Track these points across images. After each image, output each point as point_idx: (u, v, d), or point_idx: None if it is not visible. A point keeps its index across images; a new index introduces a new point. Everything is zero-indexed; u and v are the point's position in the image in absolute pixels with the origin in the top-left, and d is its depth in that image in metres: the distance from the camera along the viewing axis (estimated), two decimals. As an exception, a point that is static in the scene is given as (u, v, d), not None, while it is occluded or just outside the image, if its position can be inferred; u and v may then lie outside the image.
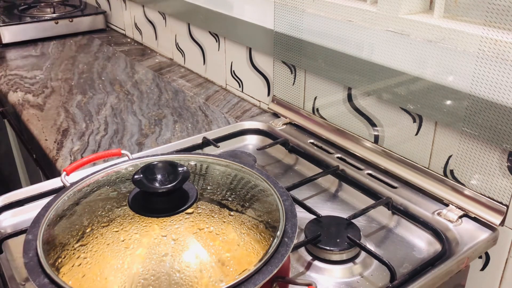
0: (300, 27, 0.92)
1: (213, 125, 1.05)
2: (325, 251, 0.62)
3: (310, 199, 0.77)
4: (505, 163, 0.67)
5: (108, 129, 1.04)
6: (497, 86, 0.64)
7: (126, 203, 0.52)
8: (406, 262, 0.64)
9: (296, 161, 0.88)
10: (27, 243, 0.48)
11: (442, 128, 0.74)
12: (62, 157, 0.92)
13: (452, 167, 0.74)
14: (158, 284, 0.44)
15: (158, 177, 0.51)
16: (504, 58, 0.62)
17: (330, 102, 0.93)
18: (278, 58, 1.02)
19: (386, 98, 0.80)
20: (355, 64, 0.83)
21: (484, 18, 0.63)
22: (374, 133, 0.86)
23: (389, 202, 0.72)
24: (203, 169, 0.62)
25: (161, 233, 0.48)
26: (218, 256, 0.47)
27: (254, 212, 0.53)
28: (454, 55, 0.68)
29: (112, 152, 0.72)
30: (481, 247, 0.65)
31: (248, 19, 1.08)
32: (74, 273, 0.45)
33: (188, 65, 1.43)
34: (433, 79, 0.71)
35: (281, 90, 1.04)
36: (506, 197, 0.67)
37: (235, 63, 1.20)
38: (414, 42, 0.72)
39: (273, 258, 0.46)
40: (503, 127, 0.64)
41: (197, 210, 0.51)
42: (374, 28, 0.78)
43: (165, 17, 1.48)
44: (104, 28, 1.86)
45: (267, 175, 0.58)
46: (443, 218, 0.69)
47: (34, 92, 1.24)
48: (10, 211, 0.72)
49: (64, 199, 0.56)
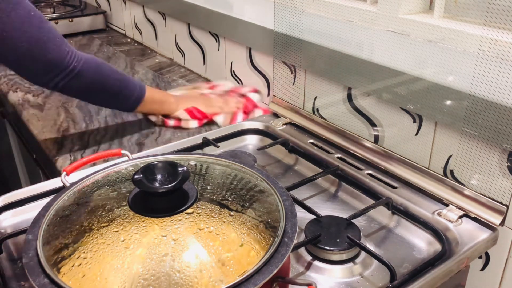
0: (300, 27, 0.92)
1: (213, 125, 1.05)
2: (325, 251, 0.62)
3: (310, 199, 0.77)
4: (505, 163, 0.67)
5: (108, 129, 1.04)
6: (497, 86, 0.64)
7: (126, 203, 0.52)
8: (406, 262, 0.64)
9: (296, 161, 0.88)
10: (27, 243, 0.48)
11: (442, 128, 0.74)
12: (62, 157, 0.92)
13: (452, 167, 0.74)
14: (158, 284, 0.44)
15: (158, 177, 0.51)
16: (504, 58, 0.62)
17: (330, 102, 0.93)
18: (278, 58, 1.02)
19: (386, 98, 0.80)
20: (355, 64, 0.83)
21: (484, 18, 0.63)
22: (374, 133, 0.86)
23: (389, 202, 0.72)
24: (203, 169, 0.62)
25: (161, 233, 0.48)
26: (218, 256, 0.47)
27: (254, 212, 0.53)
28: (454, 55, 0.68)
29: (112, 152, 0.72)
30: (481, 247, 0.65)
31: (248, 19, 1.08)
32: (74, 273, 0.45)
33: (188, 65, 1.43)
34: (433, 79, 0.71)
35: (281, 90, 1.04)
36: (506, 197, 0.67)
37: (235, 63, 1.20)
38: (414, 42, 0.72)
39: (273, 258, 0.46)
40: (503, 127, 0.64)
41: (197, 210, 0.51)
42: (374, 28, 0.78)
43: (165, 17, 1.48)
44: (104, 28, 1.86)
45: (267, 175, 0.58)
46: (443, 218, 0.69)
47: (34, 92, 1.24)
48: (10, 211, 0.72)
49: (64, 199, 0.56)
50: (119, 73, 0.95)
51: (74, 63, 0.86)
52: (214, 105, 1.06)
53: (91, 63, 0.90)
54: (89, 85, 0.90)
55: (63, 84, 0.87)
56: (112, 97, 0.95)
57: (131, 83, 0.96)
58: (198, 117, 1.03)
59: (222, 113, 1.05)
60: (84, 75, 0.88)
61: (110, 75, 0.93)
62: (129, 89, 0.96)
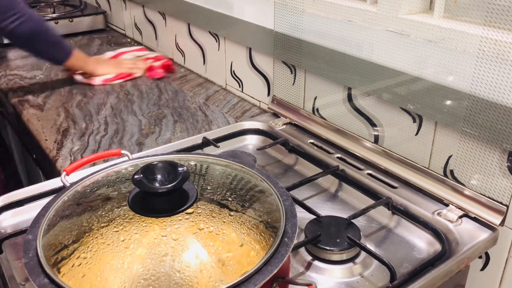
0: (300, 27, 0.92)
1: (213, 125, 1.05)
2: (325, 251, 0.62)
3: (310, 199, 0.77)
4: (505, 163, 0.67)
5: (108, 129, 1.04)
6: (497, 86, 0.64)
7: (126, 203, 0.52)
8: (406, 262, 0.64)
9: (296, 161, 0.88)
10: (27, 243, 0.48)
11: (442, 128, 0.74)
12: (62, 157, 0.92)
13: (452, 167, 0.74)
14: (158, 284, 0.44)
15: (158, 177, 0.51)
16: (504, 58, 0.62)
17: (330, 102, 0.93)
18: (278, 58, 1.02)
19: (386, 98, 0.80)
20: (355, 64, 0.83)
21: (484, 18, 0.63)
22: (374, 133, 0.86)
23: (389, 202, 0.72)
24: (203, 169, 0.62)
25: (161, 233, 0.48)
26: (218, 256, 0.47)
27: (254, 212, 0.53)
28: (454, 55, 0.68)
29: (112, 152, 0.72)
30: (481, 247, 0.65)
31: (248, 19, 1.08)
32: (74, 273, 0.45)
33: (188, 65, 1.43)
34: (433, 79, 0.71)
35: (281, 90, 1.04)
36: (506, 197, 0.67)
37: (235, 63, 1.20)
38: (414, 42, 0.72)
39: (273, 258, 0.46)
40: (503, 127, 0.64)
41: (197, 210, 0.51)
42: (374, 28, 0.78)
43: (165, 17, 1.48)
44: (104, 28, 1.86)
45: (267, 175, 0.58)
46: (443, 218, 0.69)
47: (34, 92, 1.24)
48: (10, 211, 0.72)
49: (64, 199, 0.56)
50: (55, 30, 1.22)
51: (25, 10, 1.12)
52: (123, 66, 1.36)
53: (36, 15, 1.16)
54: (33, 31, 1.14)
55: (12, 28, 1.10)
56: (49, 47, 1.20)
57: (63, 40, 1.23)
58: (122, 77, 1.34)
59: (132, 72, 1.36)
60: (30, 21, 1.12)
61: (49, 29, 1.19)
62: (63, 44, 1.23)
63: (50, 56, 1.24)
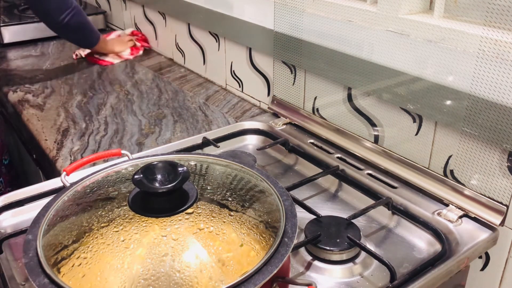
0: (300, 27, 0.92)
1: (213, 125, 1.05)
2: (325, 251, 0.62)
3: (310, 199, 0.77)
4: (505, 163, 0.67)
5: (108, 129, 1.04)
6: (497, 86, 0.64)
7: (126, 203, 0.52)
8: (406, 262, 0.64)
9: (296, 161, 0.88)
10: (27, 243, 0.48)
11: (442, 128, 0.74)
12: (62, 157, 0.92)
13: (452, 167, 0.74)
14: (158, 284, 0.44)
15: (158, 177, 0.51)
16: (504, 58, 0.62)
17: (330, 102, 0.93)
18: (278, 58, 1.02)
19: (386, 98, 0.80)
20: (355, 64, 0.83)
21: (484, 18, 0.63)
22: (374, 133, 0.86)
23: (389, 202, 0.72)
24: (203, 169, 0.62)
25: (161, 233, 0.48)
26: (218, 256, 0.47)
27: (254, 212, 0.53)
28: (454, 55, 0.68)
29: (112, 152, 0.72)
30: (481, 247, 0.65)
31: (248, 19, 1.08)
32: (74, 273, 0.45)
33: (188, 65, 1.43)
34: (433, 79, 0.71)
35: (281, 90, 1.04)
36: (506, 197, 0.67)
37: (235, 63, 1.20)
38: (414, 42, 0.72)
39: (273, 258, 0.46)
40: (503, 127, 0.64)
41: (197, 210, 0.51)
42: (374, 28, 0.78)
43: (165, 17, 1.48)
44: (104, 28, 1.86)
45: (267, 175, 0.58)
46: (443, 218, 0.69)
47: (34, 92, 1.25)
48: (10, 211, 0.72)
49: (64, 199, 0.56)
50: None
51: (74, 3, 1.27)
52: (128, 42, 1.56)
53: (79, 6, 1.30)
54: (81, 23, 1.31)
55: (66, 21, 1.25)
56: (88, 34, 1.38)
57: (94, 26, 1.40)
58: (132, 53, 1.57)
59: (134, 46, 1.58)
60: (79, 14, 1.29)
61: (87, 18, 1.36)
62: (95, 29, 1.41)
63: (87, 42, 1.41)
